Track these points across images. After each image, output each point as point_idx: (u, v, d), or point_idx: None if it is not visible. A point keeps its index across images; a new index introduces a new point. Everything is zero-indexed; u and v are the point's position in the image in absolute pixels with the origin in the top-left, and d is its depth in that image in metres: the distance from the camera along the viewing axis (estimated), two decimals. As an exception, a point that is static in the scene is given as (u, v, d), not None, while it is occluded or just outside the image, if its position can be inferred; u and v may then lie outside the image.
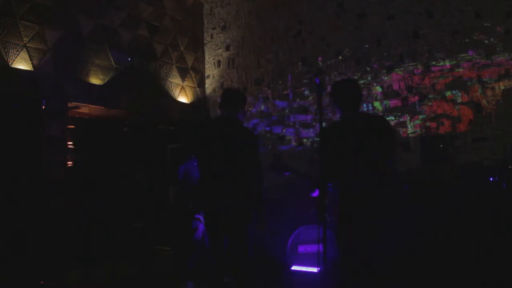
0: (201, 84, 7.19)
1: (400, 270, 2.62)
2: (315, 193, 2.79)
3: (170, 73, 6.62)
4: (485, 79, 4.83)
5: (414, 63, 5.27)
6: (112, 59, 5.71)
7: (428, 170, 4.86)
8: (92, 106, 5.45)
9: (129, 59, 5.92)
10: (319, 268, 2.96)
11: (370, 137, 2.65)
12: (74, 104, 5.23)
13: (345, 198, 2.62)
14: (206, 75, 7.28)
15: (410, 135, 5.23)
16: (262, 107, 6.55)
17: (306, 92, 6.16)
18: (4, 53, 4.57)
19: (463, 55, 4.96)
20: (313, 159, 5.92)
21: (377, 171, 2.59)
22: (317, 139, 5.94)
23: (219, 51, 7.14)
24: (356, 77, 5.72)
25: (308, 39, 6.18)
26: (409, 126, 5.27)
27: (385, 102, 5.48)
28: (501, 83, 4.74)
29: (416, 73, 5.24)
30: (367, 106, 5.60)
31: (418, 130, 5.19)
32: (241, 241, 3.15)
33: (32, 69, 4.80)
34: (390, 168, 2.68)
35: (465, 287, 3.47)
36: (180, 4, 6.96)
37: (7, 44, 4.61)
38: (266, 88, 6.54)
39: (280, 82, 6.42)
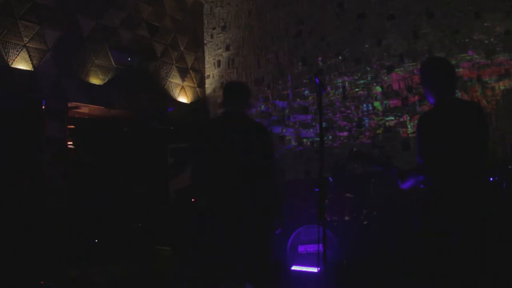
0: (201, 84, 7.19)
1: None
2: (405, 185, 2.58)
3: (170, 73, 6.62)
4: (485, 79, 4.83)
5: (414, 63, 5.27)
6: (112, 59, 5.71)
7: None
8: (92, 106, 5.44)
9: (129, 59, 5.92)
10: (319, 268, 2.95)
11: (470, 127, 2.43)
12: (74, 104, 5.23)
13: (444, 192, 2.39)
14: (206, 75, 7.28)
15: (410, 135, 5.23)
16: (262, 107, 6.55)
17: (306, 92, 6.16)
18: (4, 53, 4.57)
19: (463, 55, 4.96)
20: (313, 159, 5.92)
21: (478, 163, 2.39)
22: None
23: (219, 51, 7.14)
24: (356, 77, 5.73)
25: (308, 39, 6.18)
26: (409, 126, 5.27)
27: (385, 102, 5.48)
28: (501, 83, 4.74)
29: (416, 73, 5.23)
30: (367, 106, 5.61)
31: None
32: (262, 251, 2.96)
33: (32, 69, 4.79)
34: (487, 159, 2.45)
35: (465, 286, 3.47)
36: (180, 4, 6.96)
37: (7, 44, 4.61)
38: (266, 88, 6.54)
39: (280, 82, 6.42)
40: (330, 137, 5.83)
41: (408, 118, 5.28)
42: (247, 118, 3.16)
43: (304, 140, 6.13)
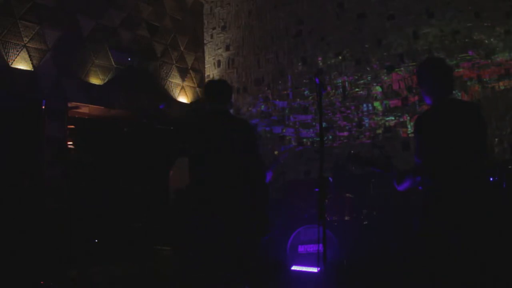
0: (201, 84, 7.19)
1: None
2: (402, 187, 2.56)
3: (170, 73, 6.62)
4: (485, 79, 4.83)
5: (414, 63, 5.27)
6: (112, 59, 5.71)
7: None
8: (92, 106, 5.45)
9: (129, 59, 5.92)
10: (319, 268, 2.95)
11: (470, 127, 2.44)
12: (74, 104, 5.23)
13: (444, 192, 2.38)
14: (206, 75, 7.28)
15: (410, 135, 5.23)
16: (262, 107, 6.55)
17: (306, 92, 6.16)
18: (4, 53, 4.57)
19: (463, 55, 4.96)
20: (313, 159, 5.92)
21: (478, 164, 2.39)
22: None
23: (219, 51, 7.14)
24: (356, 77, 5.73)
25: (308, 39, 6.18)
26: (409, 126, 5.27)
27: (385, 102, 5.48)
28: (501, 83, 4.74)
29: (416, 73, 5.23)
30: (367, 106, 5.61)
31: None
32: (250, 254, 2.96)
33: (32, 69, 4.79)
34: (486, 159, 2.46)
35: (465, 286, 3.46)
36: (180, 4, 6.96)
37: (7, 44, 4.61)
38: (266, 88, 6.54)
39: (280, 82, 6.42)
40: (330, 137, 5.83)
41: (408, 118, 5.28)
42: (232, 115, 3.18)
43: (304, 140, 6.13)
